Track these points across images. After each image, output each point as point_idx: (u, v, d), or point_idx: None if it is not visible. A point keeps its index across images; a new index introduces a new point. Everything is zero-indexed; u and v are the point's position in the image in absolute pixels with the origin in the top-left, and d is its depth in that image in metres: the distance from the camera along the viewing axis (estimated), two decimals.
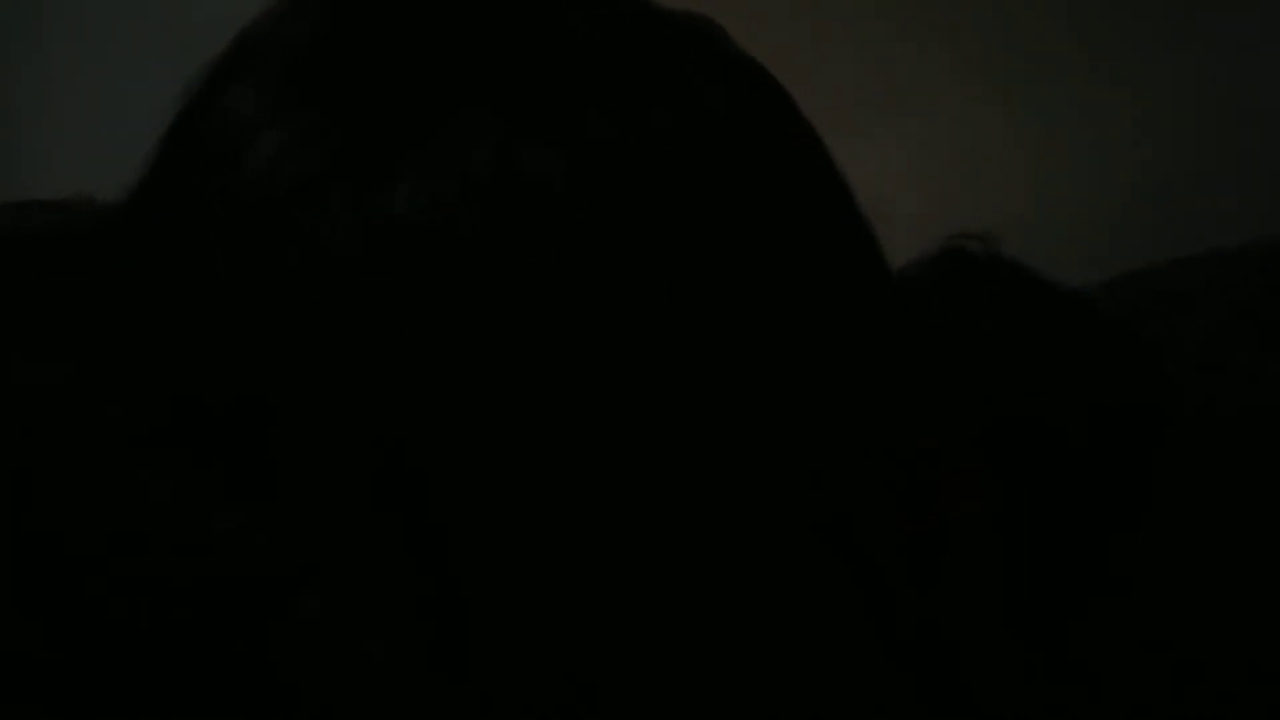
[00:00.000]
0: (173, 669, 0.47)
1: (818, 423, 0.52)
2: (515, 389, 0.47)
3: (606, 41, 0.51)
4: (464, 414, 0.47)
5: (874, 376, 0.55)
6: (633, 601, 0.50)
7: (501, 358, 0.47)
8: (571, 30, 0.52)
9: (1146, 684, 0.74)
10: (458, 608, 0.48)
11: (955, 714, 0.58)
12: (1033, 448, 0.79)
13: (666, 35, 0.53)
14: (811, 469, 0.52)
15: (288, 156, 0.50)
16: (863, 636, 0.53)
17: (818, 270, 0.53)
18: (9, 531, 0.48)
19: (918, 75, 1.30)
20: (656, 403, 0.48)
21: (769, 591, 0.51)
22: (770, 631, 0.51)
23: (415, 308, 0.48)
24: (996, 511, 0.72)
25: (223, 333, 0.49)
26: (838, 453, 0.53)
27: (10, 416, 0.50)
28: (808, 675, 0.52)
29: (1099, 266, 0.99)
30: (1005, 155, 1.31)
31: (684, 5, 0.55)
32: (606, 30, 0.52)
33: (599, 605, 0.49)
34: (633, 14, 0.53)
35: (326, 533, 0.47)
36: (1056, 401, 0.81)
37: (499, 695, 0.48)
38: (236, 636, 0.46)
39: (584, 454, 0.48)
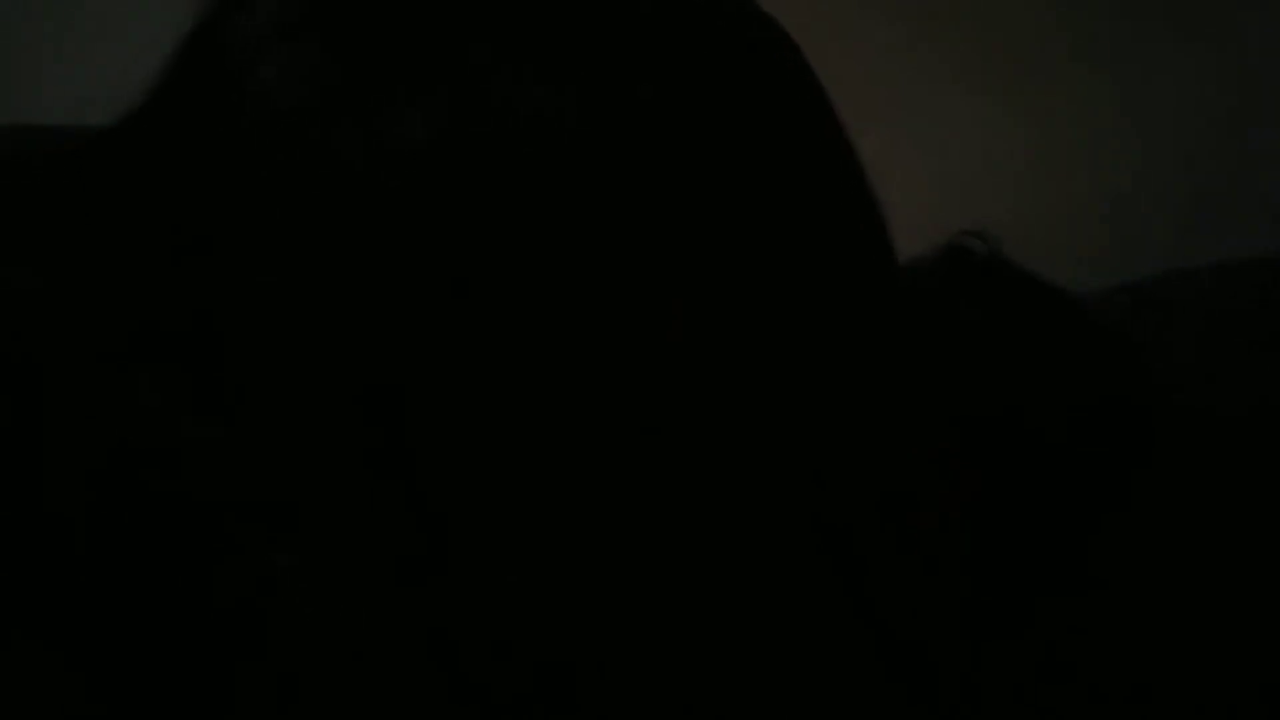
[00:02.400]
0: (148, 592, 0.47)
1: (815, 416, 0.52)
2: (515, 320, 0.48)
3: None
4: (460, 339, 0.48)
5: (872, 371, 0.55)
6: (623, 575, 0.49)
7: (505, 285, 0.48)
8: None
9: (1123, 680, 0.75)
10: (436, 532, 0.48)
11: (932, 705, 0.58)
12: (1018, 447, 0.79)
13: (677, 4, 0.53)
14: (809, 462, 0.52)
15: (296, 77, 0.50)
16: (847, 626, 0.53)
17: (820, 240, 0.53)
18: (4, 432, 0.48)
19: (916, 74, 1.30)
20: (656, 353, 0.49)
21: (757, 577, 0.51)
22: (756, 615, 0.51)
23: (424, 227, 0.49)
24: (980, 509, 0.72)
25: (220, 243, 0.49)
26: (834, 448, 0.53)
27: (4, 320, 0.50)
28: (791, 660, 0.52)
29: (1095, 267, 0.99)
30: (1003, 155, 1.31)
31: None
32: None
33: (585, 568, 0.49)
34: None
35: (307, 445, 0.47)
36: (1045, 402, 0.81)
37: (481, 642, 0.48)
38: (214, 561, 0.46)
39: (577, 398, 0.48)
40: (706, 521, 0.50)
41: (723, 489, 0.50)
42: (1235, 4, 1.30)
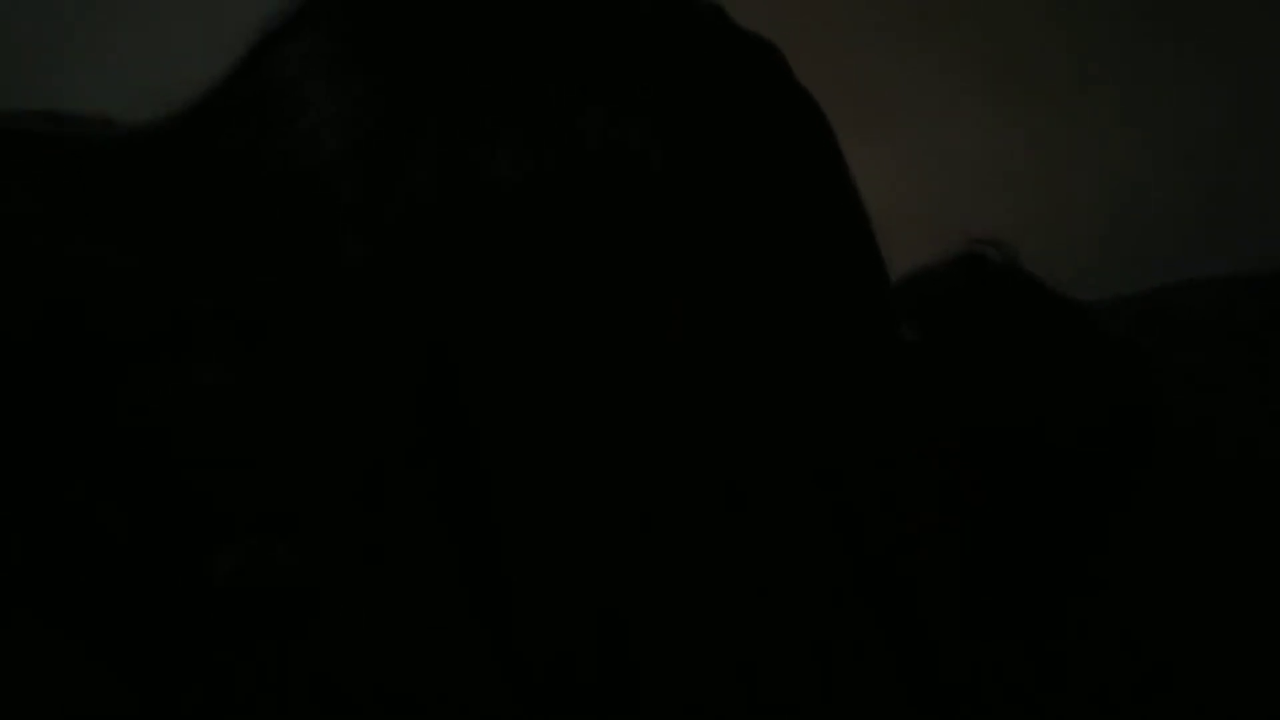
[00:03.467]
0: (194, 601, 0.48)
1: (830, 426, 0.55)
2: (588, 350, 0.50)
3: (691, 47, 0.55)
4: (525, 365, 0.50)
5: (884, 386, 0.58)
6: (661, 576, 0.51)
7: (584, 319, 0.50)
8: (658, 28, 0.55)
9: (1119, 682, 0.77)
10: (489, 530, 0.50)
11: (936, 703, 0.60)
12: (1024, 452, 0.81)
13: (739, 54, 0.56)
14: (822, 468, 0.55)
15: (351, 109, 0.52)
16: (860, 622, 0.56)
17: (840, 276, 0.56)
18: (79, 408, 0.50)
19: (922, 81, 1.34)
20: (712, 385, 0.51)
21: (778, 575, 0.54)
22: (777, 612, 0.53)
23: (504, 259, 0.51)
24: (983, 512, 0.75)
25: (292, 246, 0.51)
26: (846, 455, 0.55)
27: (87, 292, 0.52)
28: (810, 654, 0.54)
29: (1104, 275, 1.01)
30: (1008, 163, 1.34)
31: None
32: (690, 37, 0.55)
33: (630, 564, 0.51)
34: (711, 27, 0.56)
35: (369, 439, 0.49)
36: (1052, 410, 0.83)
37: (533, 644, 0.50)
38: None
39: (632, 424, 0.51)
40: (712, 510, 0.52)
41: (723, 480, 0.52)
42: (1241, 16, 1.32)
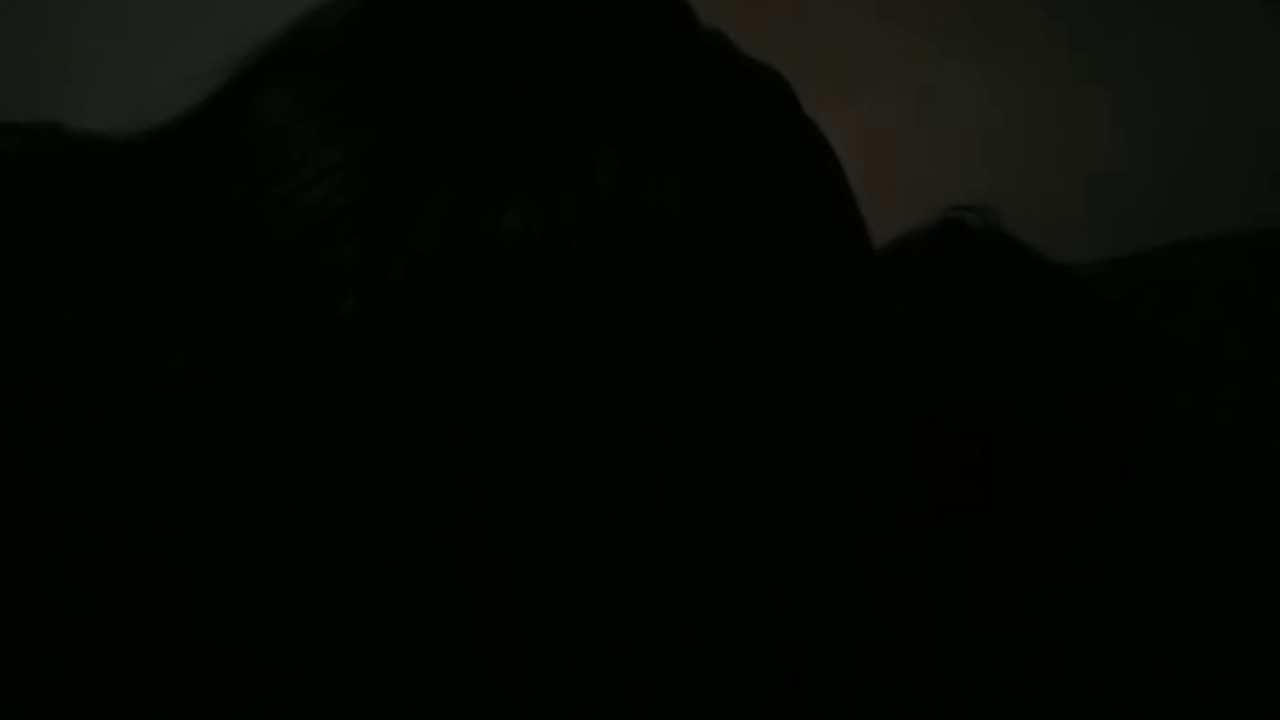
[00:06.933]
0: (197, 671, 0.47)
1: (833, 435, 0.54)
2: (616, 419, 0.48)
3: (704, 84, 0.51)
4: (541, 423, 0.48)
5: (880, 386, 0.56)
6: (677, 610, 0.51)
7: (605, 387, 0.48)
8: (668, 62, 0.53)
9: (1118, 672, 0.76)
10: (510, 617, 0.49)
11: (935, 694, 0.59)
12: (1018, 433, 0.79)
13: (749, 86, 0.54)
14: (829, 469, 0.54)
15: (370, 158, 0.50)
16: (871, 623, 0.55)
17: (843, 296, 0.55)
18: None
19: (913, 37, 1.32)
20: (746, 450, 0.50)
21: (791, 579, 0.53)
22: (791, 618, 0.53)
23: (521, 325, 0.49)
24: (984, 506, 0.73)
25: (284, 329, 0.49)
26: (853, 453, 0.54)
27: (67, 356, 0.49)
28: (821, 659, 0.54)
29: (1089, 238, 1.00)
30: (991, 123, 1.33)
31: None
32: (699, 71, 0.53)
33: (650, 617, 0.51)
34: (719, 58, 0.54)
35: (383, 526, 0.47)
36: (1044, 388, 0.81)
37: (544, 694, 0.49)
38: (266, 641, 0.47)
39: (668, 495, 0.49)
40: (721, 518, 0.51)
41: (732, 487, 0.51)
42: None
